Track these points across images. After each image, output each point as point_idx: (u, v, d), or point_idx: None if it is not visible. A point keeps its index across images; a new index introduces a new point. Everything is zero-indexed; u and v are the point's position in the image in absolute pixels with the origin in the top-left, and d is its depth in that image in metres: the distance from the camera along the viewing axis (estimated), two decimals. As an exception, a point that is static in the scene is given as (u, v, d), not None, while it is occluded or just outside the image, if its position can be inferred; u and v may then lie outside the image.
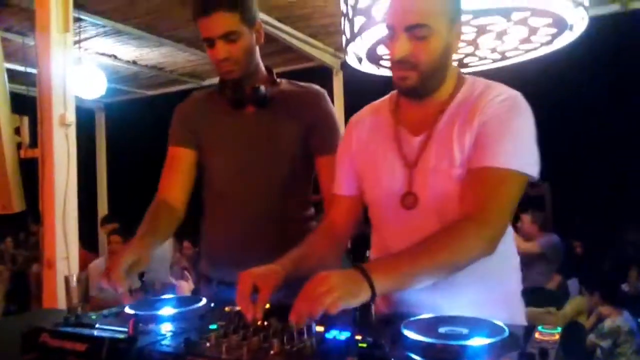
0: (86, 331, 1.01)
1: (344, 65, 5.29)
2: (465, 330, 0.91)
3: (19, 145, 2.98)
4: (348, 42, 2.66)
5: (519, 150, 1.10)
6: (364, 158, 1.28)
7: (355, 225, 1.36)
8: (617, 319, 3.57)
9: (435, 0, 1.11)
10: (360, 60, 3.01)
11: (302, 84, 1.64)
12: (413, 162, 1.18)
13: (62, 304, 2.64)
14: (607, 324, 3.58)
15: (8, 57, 3.04)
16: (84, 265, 4.05)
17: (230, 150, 1.55)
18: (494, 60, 3.04)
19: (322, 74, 5.52)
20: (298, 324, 0.90)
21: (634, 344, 3.51)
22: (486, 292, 1.17)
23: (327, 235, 1.32)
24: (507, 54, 2.97)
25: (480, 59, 3.00)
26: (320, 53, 5.20)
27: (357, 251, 3.17)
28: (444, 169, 1.14)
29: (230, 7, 1.41)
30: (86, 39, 4.70)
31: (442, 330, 0.92)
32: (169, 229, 1.50)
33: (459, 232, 1.06)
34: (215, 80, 1.66)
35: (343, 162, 1.34)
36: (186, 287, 4.62)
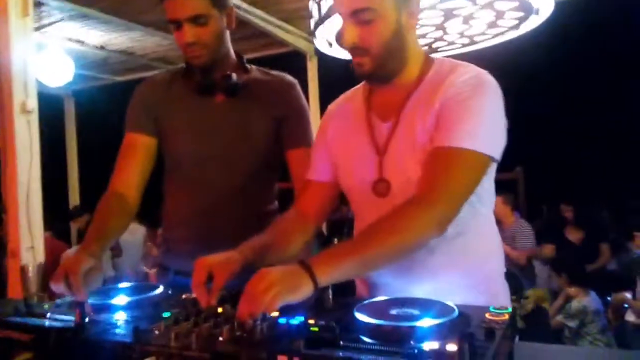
0: (34, 321, 0.99)
1: (318, 51, 5.25)
2: (416, 312, 0.91)
3: (-21, 134, 2.88)
4: (317, 25, 2.63)
5: (477, 130, 1.06)
6: (338, 146, 1.27)
7: (325, 212, 1.34)
8: (583, 300, 3.65)
9: None
10: (330, 44, 2.99)
11: (273, 72, 1.58)
12: (383, 149, 1.17)
13: (26, 294, 2.60)
14: (574, 304, 3.66)
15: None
16: (54, 254, 3.98)
17: (197, 138, 1.48)
18: (463, 45, 3.05)
19: (296, 59, 5.47)
20: (246, 323, 0.89)
21: (599, 323, 3.60)
22: (464, 275, 1.15)
23: (295, 221, 1.30)
24: (476, 39, 2.98)
25: (449, 43, 3.01)
26: (294, 38, 5.15)
27: (328, 238, 3.18)
28: (409, 154, 1.12)
29: None
30: (51, 23, 4.56)
31: (393, 312, 0.92)
32: (121, 225, 1.43)
33: (407, 214, 1.03)
34: (188, 65, 1.59)
35: (318, 149, 1.32)
36: (159, 275, 4.58)
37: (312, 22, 2.70)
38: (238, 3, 4.11)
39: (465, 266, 1.16)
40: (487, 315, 0.91)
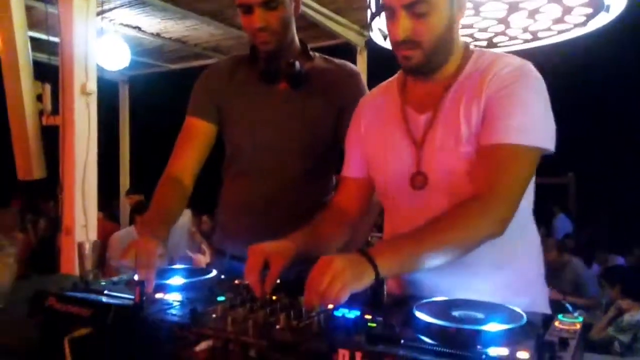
0: (93, 297, 1.00)
1: (369, 44, 5.18)
2: (480, 315, 0.87)
3: (40, 113, 2.99)
4: (373, 16, 2.58)
5: (530, 124, 1.05)
6: (372, 140, 1.25)
7: (362, 208, 1.33)
8: (637, 314, 3.49)
9: None
10: (385, 37, 2.92)
11: (336, 60, 1.56)
12: (420, 142, 1.15)
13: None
14: (627, 318, 3.50)
15: (31, 25, 3.03)
16: (104, 235, 4.10)
17: (258, 126, 1.48)
18: (525, 41, 2.92)
19: (346, 52, 5.43)
20: (311, 312, 0.88)
21: (654, 339, 3.42)
22: (504, 276, 1.13)
23: (334, 217, 1.29)
24: (539, 35, 2.85)
25: (511, 38, 2.89)
26: (345, 30, 5.10)
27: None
28: (451, 147, 1.10)
29: None
30: (111, 9, 4.68)
31: (456, 313, 0.88)
32: (180, 210, 1.44)
33: (467, 212, 1.02)
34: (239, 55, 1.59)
35: (352, 145, 1.32)
36: (203, 260, 4.65)
37: (369, 13, 2.65)
38: (292, -7, 4.10)
39: (505, 266, 1.13)
40: (557, 324, 0.86)
